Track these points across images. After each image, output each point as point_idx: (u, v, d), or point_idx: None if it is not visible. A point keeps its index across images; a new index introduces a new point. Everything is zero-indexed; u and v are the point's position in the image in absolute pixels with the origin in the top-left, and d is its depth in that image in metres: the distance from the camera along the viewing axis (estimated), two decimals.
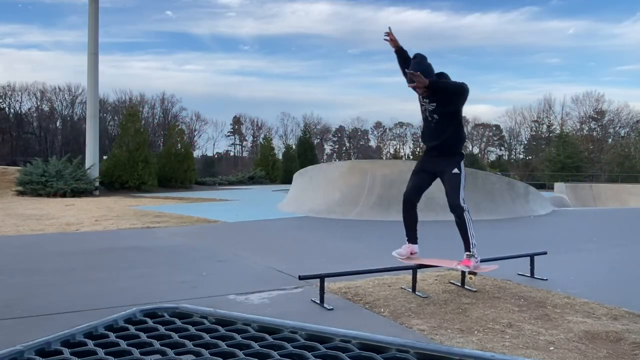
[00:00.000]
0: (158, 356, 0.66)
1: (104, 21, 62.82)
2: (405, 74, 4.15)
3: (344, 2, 69.26)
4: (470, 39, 68.30)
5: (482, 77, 71.15)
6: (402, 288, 4.34)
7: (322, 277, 3.87)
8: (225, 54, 72.34)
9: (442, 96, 4.04)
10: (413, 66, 4.01)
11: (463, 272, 4.47)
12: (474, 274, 4.16)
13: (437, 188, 4.46)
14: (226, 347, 0.68)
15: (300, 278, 3.89)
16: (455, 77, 4.21)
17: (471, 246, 4.04)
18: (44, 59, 61.69)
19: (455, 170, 4.10)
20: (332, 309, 3.75)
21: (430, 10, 70.48)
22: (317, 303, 3.86)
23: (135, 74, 63.44)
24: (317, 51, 72.45)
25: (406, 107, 67.70)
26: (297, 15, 68.34)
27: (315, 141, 50.94)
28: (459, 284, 4.51)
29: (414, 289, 4.27)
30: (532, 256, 4.89)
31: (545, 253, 5.04)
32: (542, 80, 69.33)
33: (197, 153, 49.27)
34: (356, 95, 74.56)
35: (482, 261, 4.21)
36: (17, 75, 73.68)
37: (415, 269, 4.29)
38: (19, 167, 20.85)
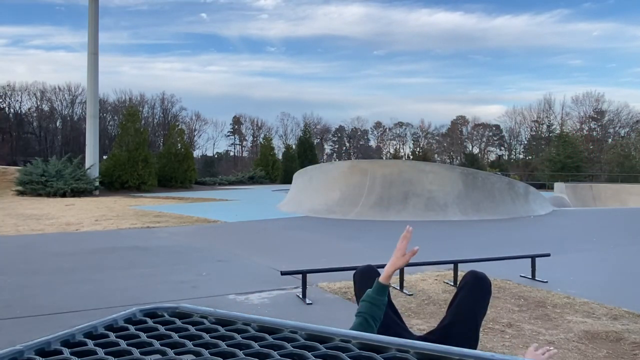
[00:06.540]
0: (158, 356, 0.66)
1: (134, 23, 63.13)
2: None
3: (378, 4, 68.52)
4: (496, 40, 67.64)
5: (502, 78, 70.82)
6: (393, 287, 4.34)
7: (304, 273, 4.04)
8: (251, 55, 71.48)
9: None
10: None
11: (455, 269, 4.51)
12: None
13: (437, 187, 4.45)
14: (226, 347, 0.68)
15: (282, 274, 4.11)
16: (474, 78, 4.11)
17: None
18: (70, 59, 61.63)
19: None
20: (332, 309, 3.76)
21: (463, 12, 69.89)
22: (300, 298, 4.02)
23: (158, 75, 63.31)
24: (342, 52, 71.75)
25: (417, 107, 67.33)
26: (328, 17, 67.60)
27: (315, 141, 50.93)
28: (452, 283, 4.54)
29: (401, 287, 4.33)
30: (533, 257, 4.84)
31: (548, 255, 4.95)
32: (560, 81, 68.14)
33: (197, 153, 49.32)
34: (371, 95, 73.76)
35: (482, 260, 4.16)
36: (40, 75, 73.61)
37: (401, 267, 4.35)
38: (19, 167, 20.85)
